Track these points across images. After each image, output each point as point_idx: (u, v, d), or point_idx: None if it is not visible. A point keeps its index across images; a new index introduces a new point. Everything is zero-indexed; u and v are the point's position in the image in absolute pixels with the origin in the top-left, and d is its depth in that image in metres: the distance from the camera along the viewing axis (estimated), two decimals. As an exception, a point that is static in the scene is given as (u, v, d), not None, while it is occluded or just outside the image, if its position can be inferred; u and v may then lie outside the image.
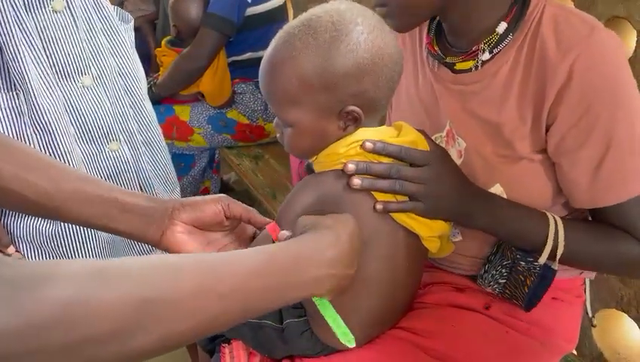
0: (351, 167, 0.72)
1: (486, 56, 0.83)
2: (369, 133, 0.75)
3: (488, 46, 0.82)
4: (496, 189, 0.83)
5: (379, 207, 0.74)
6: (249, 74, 2.02)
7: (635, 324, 1.16)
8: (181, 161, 2.07)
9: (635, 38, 1.11)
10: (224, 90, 1.98)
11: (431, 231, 0.79)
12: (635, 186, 0.77)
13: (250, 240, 0.84)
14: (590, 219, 0.86)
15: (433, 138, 0.82)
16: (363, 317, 0.82)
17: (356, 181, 0.72)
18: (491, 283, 0.88)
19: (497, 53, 0.82)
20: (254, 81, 2.03)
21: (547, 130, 0.79)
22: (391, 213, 0.76)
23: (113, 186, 0.79)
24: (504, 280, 0.86)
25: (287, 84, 0.72)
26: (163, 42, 2.18)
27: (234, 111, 2.04)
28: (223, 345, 0.96)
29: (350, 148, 0.74)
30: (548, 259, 0.81)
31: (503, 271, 0.86)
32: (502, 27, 0.81)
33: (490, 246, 0.89)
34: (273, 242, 0.71)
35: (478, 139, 0.85)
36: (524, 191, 0.83)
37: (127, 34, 1.16)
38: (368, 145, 0.73)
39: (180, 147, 2.07)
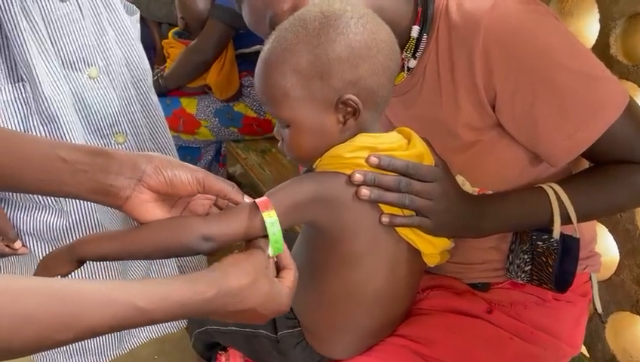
0: (358, 177, 0.70)
1: (412, 63, 0.83)
2: (379, 140, 0.73)
3: (410, 53, 0.82)
4: (458, 179, 0.81)
5: (385, 219, 0.72)
6: (257, 67, 2.00)
7: (649, 327, 1.14)
8: (187, 154, 2.05)
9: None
10: (231, 83, 1.96)
11: (433, 249, 0.78)
12: (607, 113, 0.75)
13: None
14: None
15: None
16: (360, 330, 0.81)
17: (365, 192, 0.70)
18: (518, 273, 0.86)
19: (420, 56, 0.82)
20: (262, 74, 2.00)
21: (494, 108, 0.78)
22: (395, 227, 0.74)
23: (55, 142, 0.71)
24: (529, 267, 0.84)
25: (281, 77, 0.70)
26: (170, 34, 2.15)
27: (241, 104, 2.02)
28: (220, 352, 0.95)
29: (357, 156, 0.71)
30: (565, 228, 0.79)
31: (525, 256, 0.84)
32: (415, 31, 0.81)
33: (481, 249, 0.88)
34: (261, 216, 0.66)
35: (431, 138, 0.82)
36: (486, 175, 0.82)
37: (133, 26, 1.14)
38: (373, 160, 0.70)
39: (186, 140, 2.06)
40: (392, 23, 0.74)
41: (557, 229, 0.79)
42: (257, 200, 0.68)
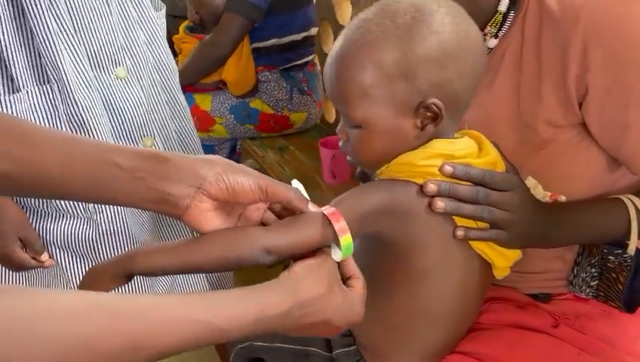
0: (432, 187, 0.65)
1: (492, 43, 0.76)
2: (455, 146, 0.68)
3: (495, 28, 0.75)
4: (530, 182, 0.76)
5: (460, 233, 0.67)
6: (273, 61, 1.93)
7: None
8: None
9: None
10: (248, 78, 1.89)
11: (506, 261, 0.73)
12: None
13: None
14: None
15: None
16: (424, 349, 0.76)
17: (440, 204, 0.65)
18: (583, 288, 0.81)
19: (502, 35, 0.75)
20: (279, 68, 1.94)
21: (580, 105, 0.72)
22: (469, 241, 0.69)
23: (109, 145, 0.64)
24: (596, 282, 0.80)
25: (360, 74, 0.65)
26: (181, 28, 2.08)
27: (257, 100, 1.96)
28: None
29: (430, 165, 0.66)
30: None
31: (593, 270, 0.80)
32: (504, 4, 0.74)
33: (544, 259, 0.82)
34: (332, 229, 0.62)
35: (500, 134, 0.77)
36: (559, 178, 0.77)
37: (160, 23, 1.08)
38: (448, 169, 0.65)
39: (200, 138, 1.99)
40: None
41: (633, 244, 0.74)
42: (326, 212, 0.63)
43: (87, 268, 0.98)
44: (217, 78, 1.94)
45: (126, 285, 0.62)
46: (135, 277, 0.64)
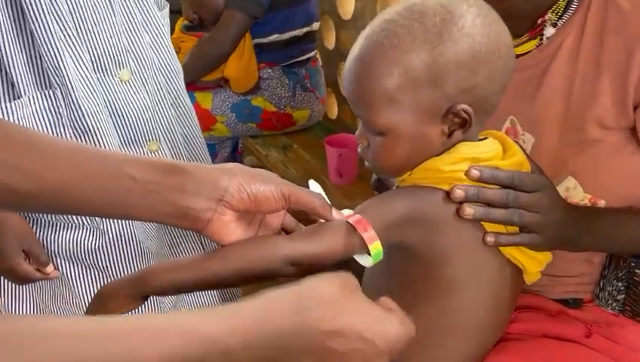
0: (459, 193, 0.61)
1: (550, 31, 0.72)
2: (480, 149, 0.64)
3: (556, 16, 0.71)
4: (570, 182, 0.73)
5: (490, 239, 0.64)
6: (275, 58, 1.90)
7: None
8: (203, 152, 1.96)
9: None
10: (250, 75, 1.85)
11: (539, 265, 0.69)
12: None
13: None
14: None
15: None
16: None
17: (469, 211, 0.62)
18: (609, 302, 0.78)
19: (561, 25, 0.72)
20: (281, 65, 1.91)
21: (634, 108, 0.69)
22: (500, 247, 0.65)
23: (122, 156, 0.60)
24: (622, 296, 0.77)
25: (385, 79, 0.61)
26: (177, 27, 2.04)
27: (259, 98, 1.92)
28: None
29: (457, 169, 0.62)
30: None
31: (620, 284, 0.77)
32: None
33: (573, 261, 0.79)
34: (358, 237, 0.59)
35: (545, 130, 0.74)
36: (600, 181, 0.74)
37: (165, 24, 1.04)
38: (475, 172, 0.62)
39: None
40: None
41: None
42: (352, 220, 0.60)
43: (93, 279, 0.97)
44: (219, 76, 1.90)
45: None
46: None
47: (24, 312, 0.98)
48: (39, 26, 0.82)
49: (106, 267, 0.95)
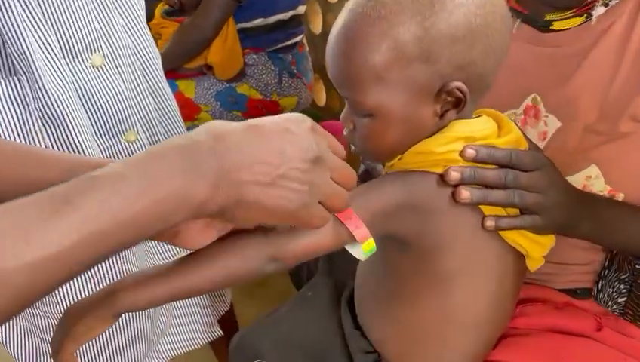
0: (455, 175, 0.56)
1: (600, 10, 0.67)
2: (474, 127, 0.59)
3: None
4: (592, 171, 0.68)
5: (490, 223, 0.59)
6: (260, 43, 1.82)
7: None
8: (188, 142, 1.89)
9: None
10: (235, 60, 1.78)
11: (542, 250, 0.64)
12: None
13: None
14: None
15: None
16: (455, 360, 0.68)
17: (465, 194, 0.56)
18: (609, 304, 0.74)
19: (613, 4, 0.67)
20: (266, 51, 1.84)
21: None
22: (500, 231, 0.60)
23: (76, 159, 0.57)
24: (624, 299, 0.73)
25: (373, 55, 0.55)
26: (157, 13, 1.95)
27: (244, 85, 1.85)
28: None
29: (451, 150, 0.57)
30: None
31: (621, 287, 0.72)
32: None
33: (581, 248, 0.75)
34: (345, 228, 0.54)
35: (575, 116, 0.69)
36: (623, 173, 0.69)
37: (140, 6, 0.98)
38: (470, 152, 0.57)
39: (185, 128, 1.89)
40: None
41: None
42: (339, 214, 0.54)
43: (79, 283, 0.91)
44: (202, 62, 1.83)
45: None
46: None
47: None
48: (1, 9, 0.75)
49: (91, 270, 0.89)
